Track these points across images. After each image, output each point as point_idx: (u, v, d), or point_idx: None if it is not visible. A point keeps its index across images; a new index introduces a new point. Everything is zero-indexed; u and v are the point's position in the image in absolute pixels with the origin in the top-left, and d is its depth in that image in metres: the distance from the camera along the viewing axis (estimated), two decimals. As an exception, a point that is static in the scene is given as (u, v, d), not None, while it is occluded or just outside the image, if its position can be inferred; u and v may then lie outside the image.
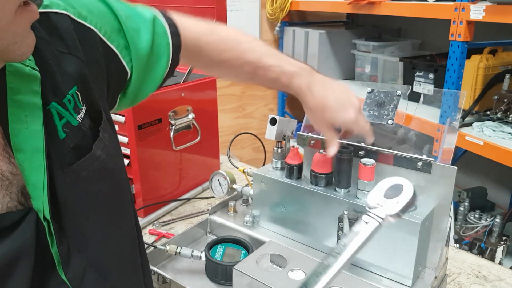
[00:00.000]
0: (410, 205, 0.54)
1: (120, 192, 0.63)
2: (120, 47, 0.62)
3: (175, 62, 0.72)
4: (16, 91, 0.47)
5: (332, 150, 0.81)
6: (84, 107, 0.55)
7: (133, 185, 1.23)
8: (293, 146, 0.92)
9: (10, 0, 0.40)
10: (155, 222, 1.21)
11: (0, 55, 0.43)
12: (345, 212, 0.76)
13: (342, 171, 0.82)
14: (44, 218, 0.50)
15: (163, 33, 0.69)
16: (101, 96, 0.61)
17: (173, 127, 1.23)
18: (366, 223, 0.55)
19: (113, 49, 0.61)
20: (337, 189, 0.83)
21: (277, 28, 2.86)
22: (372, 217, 0.54)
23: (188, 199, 1.33)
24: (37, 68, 0.49)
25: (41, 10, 0.51)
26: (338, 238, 0.78)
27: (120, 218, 0.63)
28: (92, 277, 0.56)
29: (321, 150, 0.86)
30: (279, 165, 0.95)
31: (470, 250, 1.86)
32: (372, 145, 0.84)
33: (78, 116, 0.54)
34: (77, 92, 0.54)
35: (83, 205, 0.55)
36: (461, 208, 1.97)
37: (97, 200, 0.57)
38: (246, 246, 0.92)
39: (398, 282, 0.76)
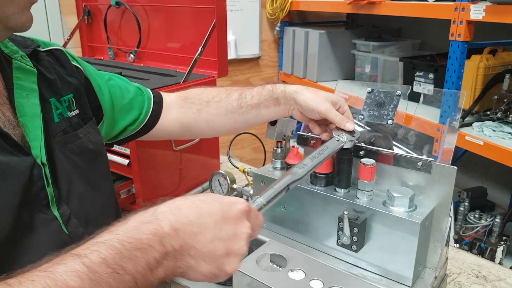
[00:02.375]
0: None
1: (96, 168, 0.81)
2: (97, 86, 0.87)
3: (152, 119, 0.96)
4: (20, 79, 0.69)
5: (350, 125, 0.83)
6: (77, 110, 0.79)
7: (133, 185, 1.23)
8: (293, 146, 0.92)
9: None
10: (155, 222, 1.21)
11: (7, 22, 0.61)
12: (345, 212, 0.76)
13: (342, 171, 0.82)
14: (42, 162, 0.67)
15: (147, 95, 0.96)
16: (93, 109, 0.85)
17: (173, 127, 1.23)
18: (337, 140, 0.81)
19: (92, 85, 0.86)
20: (337, 189, 0.83)
21: (277, 28, 2.86)
22: (340, 138, 0.81)
23: (188, 199, 1.33)
24: (34, 67, 0.72)
25: (45, 49, 0.79)
26: (338, 238, 0.78)
27: (97, 187, 0.79)
28: (74, 223, 0.71)
29: (321, 150, 0.86)
30: (279, 165, 0.95)
31: (470, 250, 1.86)
32: (372, 145, 0.84)
33: (69, 113, 0.77)
34: (73, 99, 0.79)
35: (69, 168, 0.73)
36: (461, 208, 1.97)
37: (78, 168, 0.75)
38: (246, 246, 0.92)
39: (398, 282, 0.76)
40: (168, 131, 0.99)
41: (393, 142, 0.87)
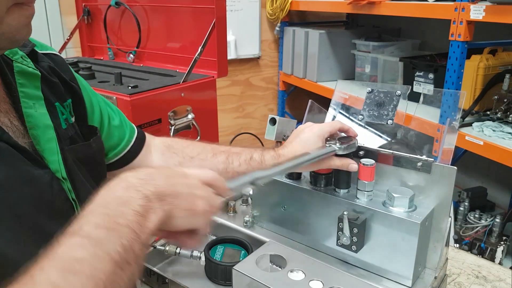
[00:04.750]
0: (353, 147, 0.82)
1: (100, 180, 0.75)
2: (88, 102, 0.80)
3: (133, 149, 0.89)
4: (23, 85, 0.63)
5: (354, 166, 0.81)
6: (73, 118, 0.74)
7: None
8: (293, 146, 0.92)
9: (1, 2, 0.52)
10: (155, 222, 1.21)
11: (3, 38, 0.55)
12: (345, 212, 0.76)
13: (342, 171, 0.82)
14: (62, 177, 0.63)
15: (130, 128, 0.89)
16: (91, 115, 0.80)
17: (173, 127, 1.23)
18: (327, 146, 0.81)
19: (84, 100, 0.78)
20: (336, 189, 0.83)
21: (277, 28, 2.86)
22: (331, 145, 0.81)
23: (188, 199, 1.33)
24: (37, 69, 0.66)
25: (43, 51, 0.74)
26: (338, 238, 0.78)
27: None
28: None
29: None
30: (279, 165, 0.95)
31: (470, 250, 1.86)
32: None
33: (72, 118, 0.73)
34: (71, 104, 0.74)
35: (82, 178, 0.69)
36: (461, 208, 1.97)
37: (88, 180, 0.71)
38: (246, 246, 0.92)
39: (398, 283, 0.76)
40: None
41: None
